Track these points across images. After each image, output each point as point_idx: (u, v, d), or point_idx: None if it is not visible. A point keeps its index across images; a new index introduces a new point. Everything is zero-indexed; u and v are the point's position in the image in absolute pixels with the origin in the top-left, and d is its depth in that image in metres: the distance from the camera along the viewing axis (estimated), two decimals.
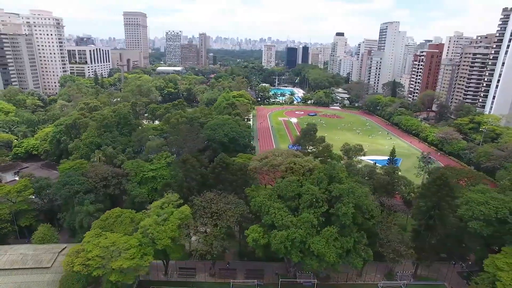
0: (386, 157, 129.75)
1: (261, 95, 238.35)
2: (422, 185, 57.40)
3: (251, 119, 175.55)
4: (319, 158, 76.19)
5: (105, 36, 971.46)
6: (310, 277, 57.53)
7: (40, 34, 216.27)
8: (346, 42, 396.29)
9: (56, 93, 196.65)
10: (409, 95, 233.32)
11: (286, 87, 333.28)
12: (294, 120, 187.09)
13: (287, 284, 56.68)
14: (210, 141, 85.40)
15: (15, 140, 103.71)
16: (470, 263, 61.50)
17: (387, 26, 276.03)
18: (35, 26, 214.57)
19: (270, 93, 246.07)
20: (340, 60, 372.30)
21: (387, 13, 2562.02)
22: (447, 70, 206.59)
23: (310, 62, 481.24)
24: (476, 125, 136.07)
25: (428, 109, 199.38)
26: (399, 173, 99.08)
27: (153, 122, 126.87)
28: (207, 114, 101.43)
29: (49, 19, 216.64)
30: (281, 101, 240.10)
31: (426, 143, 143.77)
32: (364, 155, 69.99)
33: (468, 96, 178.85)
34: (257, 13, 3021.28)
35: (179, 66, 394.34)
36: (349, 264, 49.78)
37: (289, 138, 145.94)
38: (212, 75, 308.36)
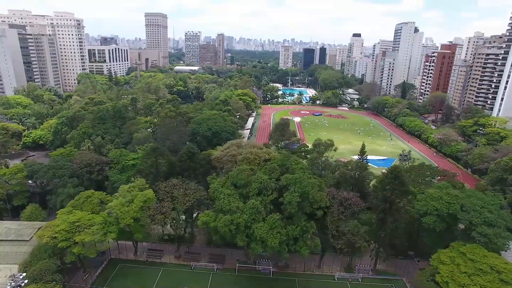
0: (381, 157, 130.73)
1: (269, 95, 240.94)
2: (377, 179, 58.33)
3: (254, 117, 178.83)
4: (296, 153, 78.38)
5: (132, 36, 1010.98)
6: (268, 265, 60.05)
7: (62, 34, 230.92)
8: (362, 43, 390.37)
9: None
10: (420, 97, 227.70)
11: (300, 87, 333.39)
12: (297, 119, 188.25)
13: (245, 269, 59.48)
14: (194, 135, 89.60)
15: (25, 131, 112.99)
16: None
17: (402, 27, 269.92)
18: (58, 27, 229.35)
19: (279, 93, 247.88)
20: (356, 61, 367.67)
21: (416, 13, 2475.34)
22: (461, 71, 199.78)
23: (327, 63, 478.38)
24: (480, 127, 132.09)
25: (438, 111, 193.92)
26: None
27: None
28: (198, 109, 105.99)
29: (70, 20, 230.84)
30: (289, 101, 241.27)
31: (427, 145, 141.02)
32: (335, 150, 71.29)
33: (479, 98, 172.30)
34: (284, 14, 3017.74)
35: (196, 66, 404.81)
36: (295, 252, 51.72)
37: None
38: None
